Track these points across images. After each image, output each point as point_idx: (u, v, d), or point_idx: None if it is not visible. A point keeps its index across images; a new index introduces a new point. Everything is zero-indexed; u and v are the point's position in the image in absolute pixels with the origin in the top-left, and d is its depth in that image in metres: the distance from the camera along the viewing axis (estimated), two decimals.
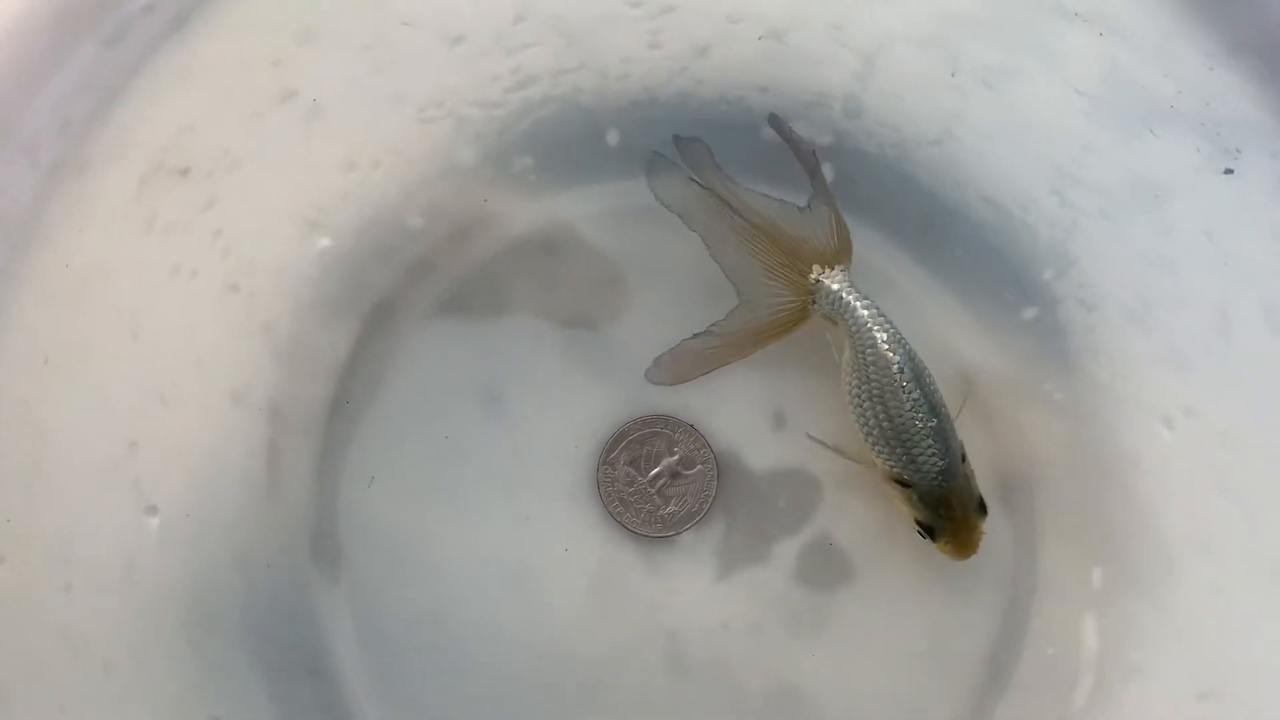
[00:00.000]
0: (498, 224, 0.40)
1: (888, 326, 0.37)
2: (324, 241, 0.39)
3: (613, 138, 0.40)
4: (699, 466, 0.40)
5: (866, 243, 0.40)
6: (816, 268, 0.38)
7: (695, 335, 0.38)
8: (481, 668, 0.39)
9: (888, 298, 0.39)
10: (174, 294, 0.34)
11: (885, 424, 0.37)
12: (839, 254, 0.38)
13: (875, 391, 0.37)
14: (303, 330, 0.39)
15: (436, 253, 0.40)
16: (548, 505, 0.39)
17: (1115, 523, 0.39)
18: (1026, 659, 0.39)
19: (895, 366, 0.36)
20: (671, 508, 0.40)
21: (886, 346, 0.37)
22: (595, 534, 0.40)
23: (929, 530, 0.37)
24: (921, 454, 0.37)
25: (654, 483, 0.40)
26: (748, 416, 0.40)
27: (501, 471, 0.39)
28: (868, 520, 0.39)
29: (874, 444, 0.37)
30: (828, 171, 0.40)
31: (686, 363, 0.39)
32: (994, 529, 0.39)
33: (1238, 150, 0.35)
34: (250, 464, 0.38)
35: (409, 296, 0.40)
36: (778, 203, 0.38)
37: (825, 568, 0.40)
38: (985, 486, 0.38)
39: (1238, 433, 0.36)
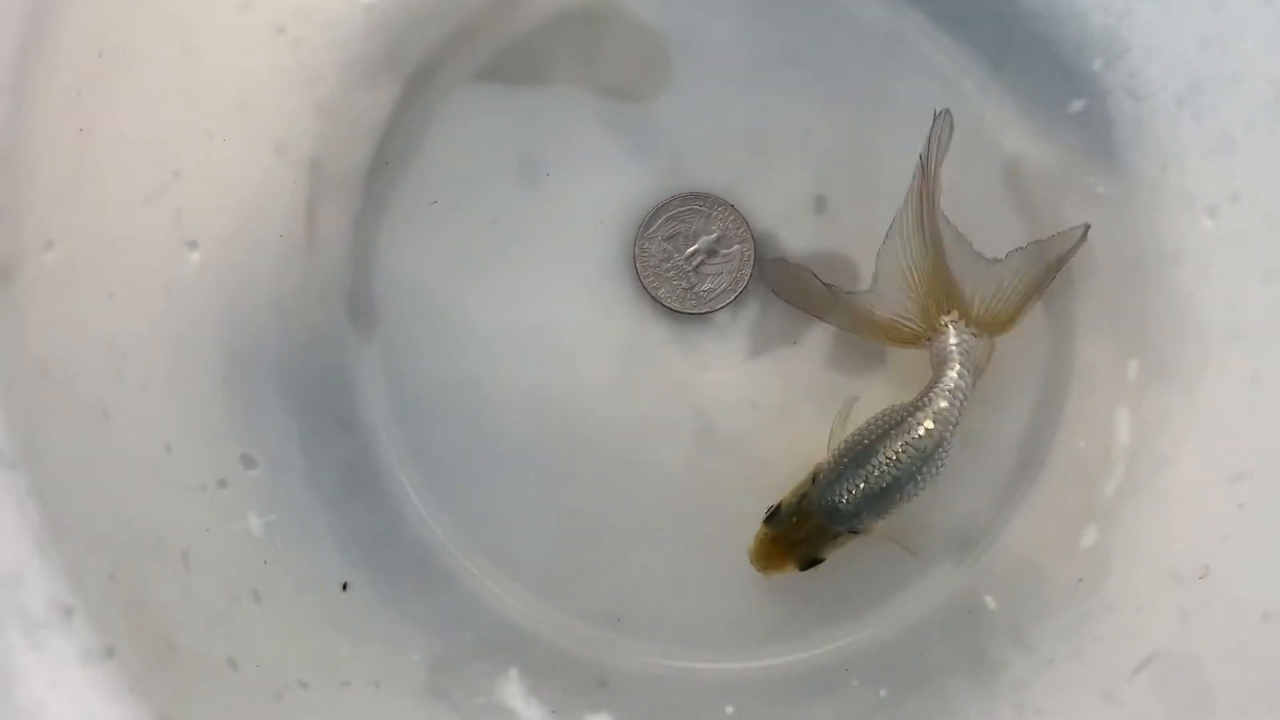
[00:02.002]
0: None
1: (954, 405, 0.35)
2: None
3: None
4: (737, 246, 0.40)
5: (918, 29, 0.40)
6: (955, 314, 0.36)
7: (823, 281, 0.37)
8: (511, 433, 0.39)
9: (934, 86, 0.39)
10: (224, 18, 0.35)
11: (857, 444, 0.35)
12: (995, 320, 0.36)
13: (884, 425, 0.35)
14: (346, 87, 0.39)
15: (480, 19, 0.39)
16: (583, 277, 0.39)
17: (1153, 316, 0.39)
18: (1057, 451, 0.39)
19: (917, 433, 0.35)
20: (707, 285, 0.40)
21: (931, 419, 0.35)
22: (630, 308, 0.39)
23: (773, 512, 0.36)
24: (843, 483, 0.35)
25: (691, 260, 0.40)
26: (789, 198, 0.39)
27: (537, 241, 0.39)
28: None
29: (833, 440, 0.36)
30: None
31: (795, 287, 0.37)
32: (1031, 322, 0.39)
33: None
34: (289, 216, 0.38)
35: (451, 61, 0.39)
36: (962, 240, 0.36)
37: (857, 352, 0.39)
38: None
39: None
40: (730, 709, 0.39)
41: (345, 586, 0.36)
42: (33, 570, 0.28)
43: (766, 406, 0.39)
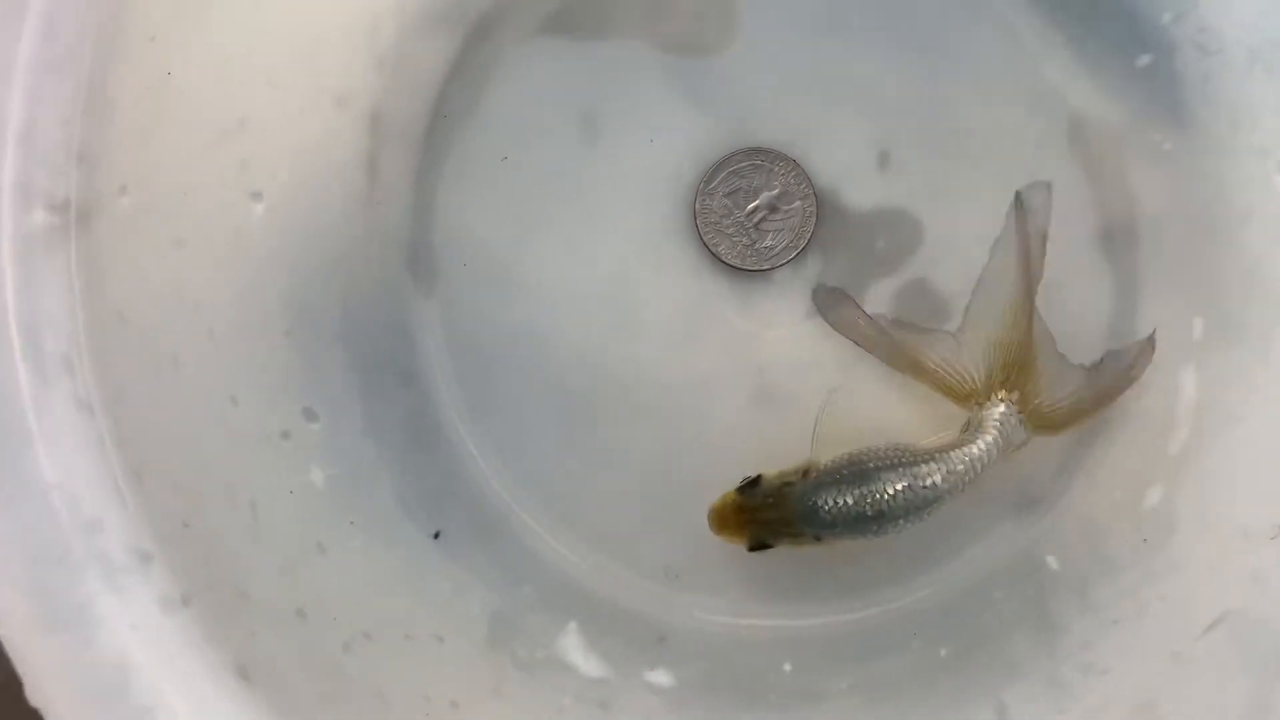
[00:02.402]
0: None
1: (969, 472, 0.34)
2: None
3: None
4: (798, 202, 0.39)
5: None
6: (1016, 394, 0.35)
7: (885, 317, 0.36)
8: (571, 390, 0.39)
9: (999, 41, 0.38)
10: None
11: (862, 463, 0.34)
12: (1047, 419, 0.35)
13: (895, 459, 0.34)
14: (406, 38, 0.38)
15: None
16: (643, 233, 0.39)
17: (1221, 274, 0.38)
18: (1121, 408, 0.39)
19: (923, 481, 0.34)
20: (768, 242, 0.39)
21: (942, 476, 0.34)
22: (690, 264, 0.39)
23: (751, 482, 0.35)
24: (832, 492, 0.34)
25: (751, 216, 0.39)
26: (852, 154, 0.39)
27: (598, 197, 0.39)
28: (966, 265, 0.38)
29: (817, 433, 0.35)
30: None
31: (848, 320, 0.36)
32: (1095, 277, 0.39)
33: None
34: (351, 169, 0.38)
35: (512, 14, 0.39)
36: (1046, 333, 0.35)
37: (921, 310, 0.39)
38: (1086, 232, 0.38)
39: None
40: (788, 666, 0.39)
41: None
42: (112, 517, 0.28)
43: (826, 366, 0.39)
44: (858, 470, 0.35)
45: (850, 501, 0.34)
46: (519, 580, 0.38)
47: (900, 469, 0.35)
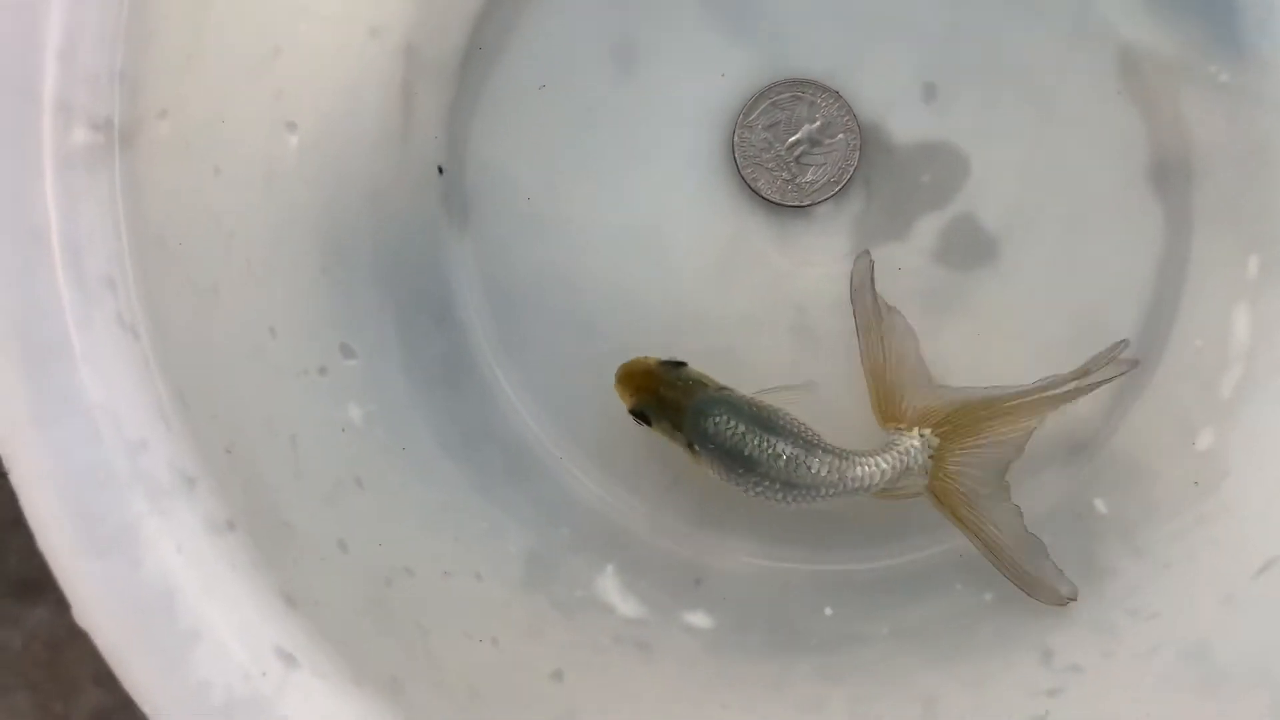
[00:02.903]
0: None
1: (856, 484, 0.33)
2: None
3: None
4: (841, 135, 0.38)
5: None
6: (928, 432, 0.34)
7: (901, 317, 0.34)
8: (607, 329, 0.38)
9: None
10: None
11: (774, 413, 0.34)
12: (947, 489, 0.34)
13: (804, 433, 0.34)
14: None
15: None
16: (680, 168, 0.38)
17: (1276, 210, 0.37)
18: (1172, 350, 0.38)
19: (807, 464, 0.33)
20: (810, 176, 0.38)
21: (829, 469, 0.33)
22: (728, 200, 0.38)
23: (675, 364, 0.35)
24: (732, 417, 0.33)
25: (792, 150, 0.38)
26: (897, 86, 0.38)
27: (634, 131, 0.38)
28: (1012, 202, 0.38)
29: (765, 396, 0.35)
30: None
31: (861, 294, 0.35)
32: (1145, 214, 0.38)
33: None
34: (385, 103, 0.37)
35: None
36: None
37: (966, 247, 0.38)
38: (1137, 167, 0.37)
39: None
40: (829, 610, 0.38)
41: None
42: (158, 438, 0.27)
43: None
44: (765, 417, 0.34)
45: (738, 431, 0.34)
46: (556, 521, 0.38)
47: (796, 442, 0.34)
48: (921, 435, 0.35)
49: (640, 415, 0.36)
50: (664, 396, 0.35)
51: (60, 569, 0.26)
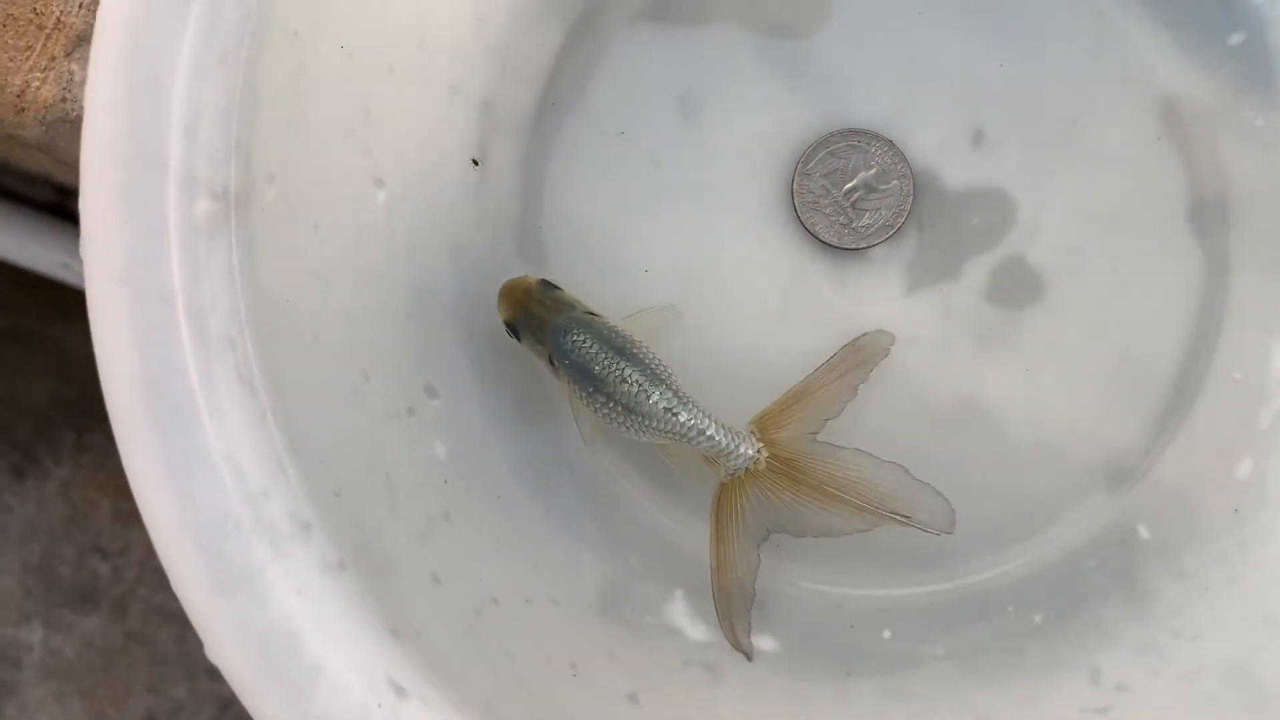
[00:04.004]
0: None
1: (687, 428, 0.35)
2: None
3: None
4: (895, 181, 0.40)
5: None
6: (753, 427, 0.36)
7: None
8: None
9: (1091, 21, 0.39)
10: None
11: (630, 343, 0.36)
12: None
13: (650, 366, 0.36)
14: (514, 28, 0.40)
15: None
16: (743, 212, 0.40)
17: None
18: (1211, 382, 0.40)
19: (647, 395, 0.35)
20: (866, 220, 0.40)
21: (666, 402, 0.35)
22: (788, 243, 0.41)
23: (551, 287, 0.37)
24: (589, 336, 0.35)
25: (849, 195, 0.40)
26: (947, 133, 0.40)
27: (699, 178, 0.40)
28: (1063, 240, 0.40)
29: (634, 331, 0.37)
30: None
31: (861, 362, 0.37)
32: (1186, 253, 0.40)
33: None
34: (464, 156, 0.40)
35: (613, 2, 0.40)
36: None
37: (1015, 286, 0.40)
38: (1177, 208, 0.39)
39: None
40: (887, 633, 0.40)
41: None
42: (278, 488, 0.29)
43: (924, 342, 0.40)
44: (621, 344, 0.36)
45: (591, 350, 0.36)
46: (627, 549, 0.40)
47: (644, 371, 0.36)
48: (753, 433, 0.36)
49: (512, 328, 0.38)
50: (533, 312, 0.37)
51: (193, 610, 0.28)
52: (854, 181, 0.40)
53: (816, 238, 0.40)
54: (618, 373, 0.36)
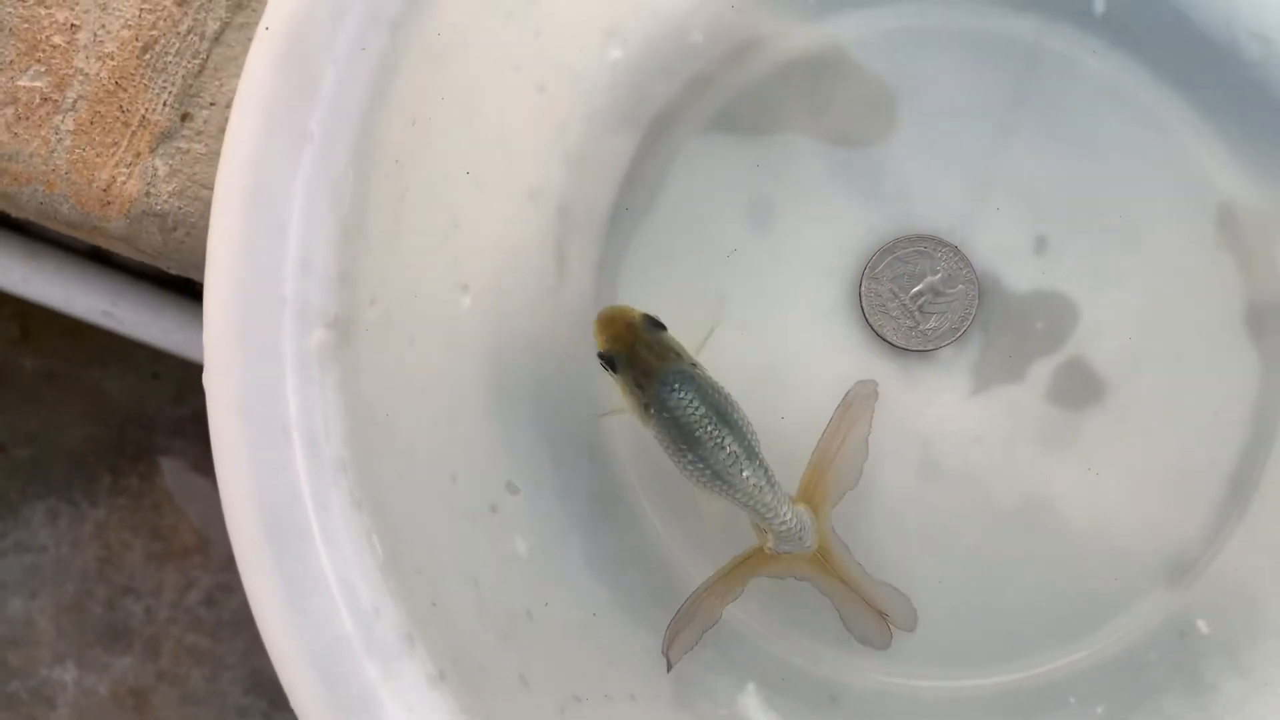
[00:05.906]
0: (773, 44, 0.42)
1: (769, 509, 0.36)
2: (616, 53, 0.41)
3: None
4: (960, 286, 0.42)
5: (1134, 77, 0.41)
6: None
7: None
8: None
9: (1149, 131, 0.40)
10: (502, 81, 0.37)
11: (732, 408, 0.36)
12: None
13: (746, 437, 0.36)
14: (590, 137, 0.41)
15: (713, 69, 0.41)
16: (811, 317, 0.42)
17: None
18: (1268, 479, 0.41)
19: (740, 466, 0.35)
20: (932, 323, 0.42)
21: (755, 480, 0.36)
22: (856, 345, 0.42)
23: (660, 327, 0.37)
24: (698, 395, 0.35)
25: (915, 299, 0.42)
26: (1010, 239, 0.41)
27: (768, 281, 0.42)
28: (1123, 342, 0.41)
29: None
30: None
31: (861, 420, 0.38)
32: (1242, 355, 0.41)
33: None
34: (541, 259, 0.41)
35: (686, 111, 0.42)
36: None
37: (1079, 387, 0.41)
38: (1234, 310, 0.40)
39: None
40: None
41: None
42: (385, 604, 0.30)
43: (990, 441, 0.41)
44: (724, 408, 0.36)
45: (694, 408, 0.36)
46: (701, 644, 0.41)
47: (741, 442, 0.36)
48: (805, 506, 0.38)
49: (609, 362, 0.38)
50: (639, 354, 0.37)
51: None
52: (920, 286, 0.42)
53: (884, 339, 0.42)
54: (717, 439, 0.36)
